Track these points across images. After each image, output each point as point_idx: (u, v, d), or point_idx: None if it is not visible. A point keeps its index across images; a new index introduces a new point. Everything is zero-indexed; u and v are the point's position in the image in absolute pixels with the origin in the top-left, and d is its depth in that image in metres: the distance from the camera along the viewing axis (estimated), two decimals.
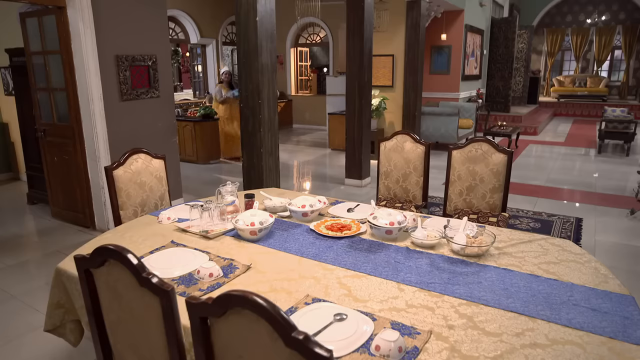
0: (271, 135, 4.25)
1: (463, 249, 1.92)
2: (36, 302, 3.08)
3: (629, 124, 7.97)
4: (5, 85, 6.00)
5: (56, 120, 4.44)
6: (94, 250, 1.33)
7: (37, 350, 2.58)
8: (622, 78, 15.16)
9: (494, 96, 11.81)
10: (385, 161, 3.31)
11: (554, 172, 6.83)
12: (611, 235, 4.26)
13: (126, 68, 4.26)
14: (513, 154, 2.90)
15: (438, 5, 8.32)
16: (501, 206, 2.91)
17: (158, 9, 4.53)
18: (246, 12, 3.94)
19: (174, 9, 8.98)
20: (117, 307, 1.38)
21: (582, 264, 1.84)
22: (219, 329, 1.12)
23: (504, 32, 11.41)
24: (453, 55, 9.44)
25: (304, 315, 1.47)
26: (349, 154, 6.12)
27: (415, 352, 1.28)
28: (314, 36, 11.73)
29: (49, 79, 4.37)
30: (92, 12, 3.93)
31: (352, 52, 5.84)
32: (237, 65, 4.16)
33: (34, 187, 5.25)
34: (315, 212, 2.39)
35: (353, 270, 1.81)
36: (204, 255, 1.96)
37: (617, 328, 1.39)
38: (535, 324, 1.42)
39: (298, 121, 11.92)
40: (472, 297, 1.59)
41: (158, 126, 4.66)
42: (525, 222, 4.56)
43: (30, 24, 4.35)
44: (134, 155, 2.73)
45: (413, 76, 7.79)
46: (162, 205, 2.85)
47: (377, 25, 7.67)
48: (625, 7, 14.48)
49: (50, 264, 3.50)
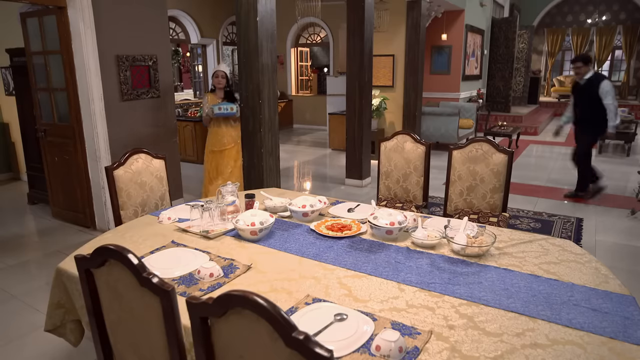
0: (271, 135, 4.25)
1: (463, 249, 1.92)
2: (37, 302, 3.09)
3: (629, 124, 7.97)
4: (6, 85, 6.00)
5: (57, 120, 4.44)
6: (94, 250, 1.33)
7: (37, 350, 2.58)
8: (623, 78, 15.15)
9: (494, 96, 11.81)
10: (386, 161, 3.30)
11: (555, 172, 6.83)
12: (612, 235, 4.26)
13: (127, 68, 4.26)
14: (513, 154, 2.90)
15: (438, 5, 8.32)
16: (501, 206, 2.91)
17: (158, 9, 4.53)
18: (246, 12, 3.94)
19: (175, 9, 8.98)
20: (117, 307, 1.38)
21: (583, 264, 1.84)
22: (219, 329, 1.12)
23: (504, 32, 11.41)
24: (453, 55, 9.44)
25: (305, 315, 1.47)
26: (350, 154, 6.12)
27: (415, 352, 1.28)
28: (314, 36, 11.73)
29: (49, 79, 4.37)
30: (93, 12, 3.93)
31: (352, 52, 5.83)
32: (238, 65, 4.16)
33: (35, 187, 5.25)
34: (316, 212, 2.39)
35: (353, 271, 1.81)
36: (204, 255, 1.96)
37: (618, 328, 1.39)
38: (536, 324, 1.42)
39: (298, 121, 11.92)
40: (473, 297, 1.59)
41: (158, 126, 4.66)
42: (525, 222, 4.56)
43: (31, 24, 4.36)
44: (134, 155, 2.73)
45: (413, 76, 7.79)
46: (163, 205, 2.85)
47: (378, 25, 7.68)
48: (626, 7, 14.47)
49: (51, 264, 3.50)
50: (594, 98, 4.92)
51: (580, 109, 5.15)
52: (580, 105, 5.13)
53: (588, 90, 4.96)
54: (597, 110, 4.96)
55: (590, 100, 4.96)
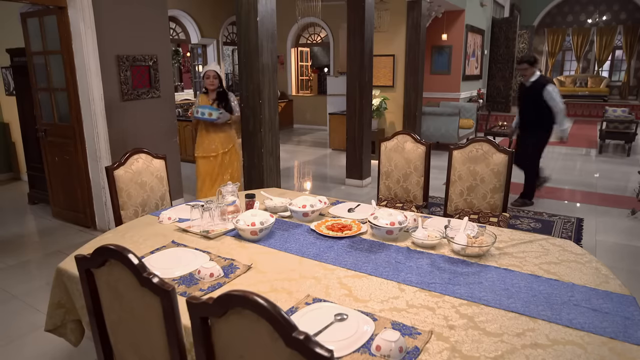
0: (272, 135, 4.25)
1: (464, 249, 1.92)
2: (37, 302, 3.09)
3: (629, 124, 7.96)
4: (6, 85, 6.00)
5: (57, 120, 4.45)
6: (94, 250, 1.33)
7: (38, 350, 2.58)
8: (623, 78, 15.14)
9: (494, 96, 11.81)
10: (386, 161, 3.30)
11: (555, 172, 6.82)
12: (612, 235, 4.26)
13: (127, 68, 4.26)
14: (514, 154, 2.90)
15: (439, 5, 8.32)
16: (502, 206, 2.90)
17: (159, 9, 4.53)
18: (247, 12, 3.94)
19: (175, 9, 8.99)
20: (117, 307, 1.39)
21: (583, 264, 1.84)
22: (219, 329, 1.12)
23: (504, 32, 11.41)
24: (454, 55, 9.44)
25: (305, 315, 1.47)
26: (350, 154, 6.12)
27: (415, 352, 1.28)
28: (314, 36, 11.73)
29: (49, 79, 4.38)
30: (93, 12, 3.94)
31: (352, 52, 5.83)
32: (238, 65, 4.16)
33: (35, 187, 5.26)
34: (316, 212, 2.39)
35: (354, 271, 1.81)
36: (204, 255, 1.96)
37: (618, 328, 1.39)
38: (536, 324, 1.42)
39: (299, 121, 11.92)
40: (473, 298, 1.59)
41: (159, 126, 4.66)
42: (526, 223, 4.56)
43: (31, 24, 4.36)
44: (134, 155, 2.73)
45: (414, 76, 7.79)
46: (163, 205, 2.86)
47: (378, 25, 7.67)
48: (626, 7, 14.46)
49: (51, 264, 3.50)
50: (538, 101, 4.74)
51: (525, 112, 4.97)
52: (525, 108, 4.95)
53: (533, 92, 4.78)
54: (541, 114, 4.78)
55: (535, 103, 4.78)
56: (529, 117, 4.96)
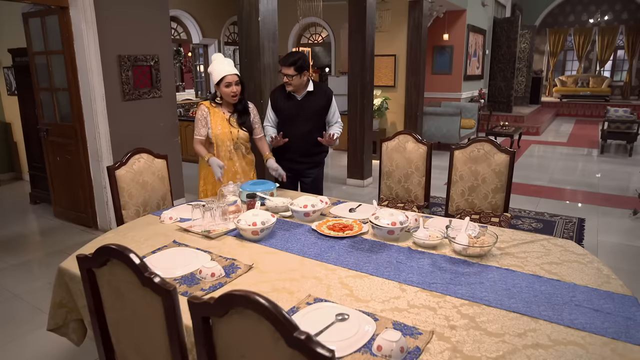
0: None
1: (465, 249, 1.92)
2: (39, 301, 3.09)
3: (631, 124, 7.94)
4: (8, 85, 6.02)
5: (59, 120, 4.45)
6: (96, 249, 1.33)
7: (39, 349, 2.58)
8: (625, 78, 15.11)
9: (496, 96, 11.79)
10: (387, 161, 3.30)
11: (557, 172, 6.81)
12: (614, 235, 4.25)
13: (128, 68, 4.27)
14: (515, 154, 2.90)
15: (440, 5, 8.31)
16: (503, 206, 2.90)
17: (160, 9, 4.53)
18: (248, 12, 3.95)
19: (176, 9, 8.98)
20: (119, 307, 1.39)
21: (585, 265, 1.84)
22: (220, 328, 1.12)
23: (506, 32, 11.39)
24: (455, 55, 9.43)
25: (306, 315, 1.47)
26: (351, 154, 6.12)
27: (417, 353, 1.28)
28: (315, 36, 11.73)
29: (51, 79, 4.38)
30: (95, 12, 3.94)
31: (354, 52, 5.83)
32: (239, 65, 4.16)
33: (37, 187, 5.27)
34: (317, 212, 2.39)
35: (355, 271, 1.81)
36: (206, 255, 1.96)
37: (620, 329, 1.39)
38: (538, 325, 1.42)
39: None
40: (474, 298, 1.58)
41: (160, 126, 4.67)
42: (527, 223, 4.55)
43: (33, 24, 4.36)
44: (136, 155, 2.74)
45: (415, 76, 7.78)
46: (164, 205, 2.86)
47: (379, 25, 7.66)
48: (628, 6, 14.43)
49: (53, 264, 3.51)
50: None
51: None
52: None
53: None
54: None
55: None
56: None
